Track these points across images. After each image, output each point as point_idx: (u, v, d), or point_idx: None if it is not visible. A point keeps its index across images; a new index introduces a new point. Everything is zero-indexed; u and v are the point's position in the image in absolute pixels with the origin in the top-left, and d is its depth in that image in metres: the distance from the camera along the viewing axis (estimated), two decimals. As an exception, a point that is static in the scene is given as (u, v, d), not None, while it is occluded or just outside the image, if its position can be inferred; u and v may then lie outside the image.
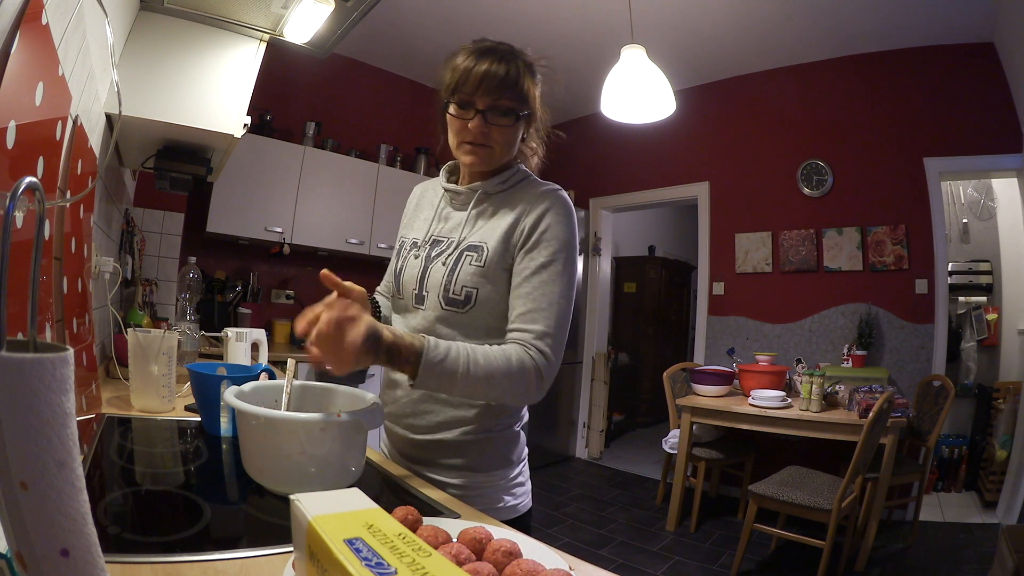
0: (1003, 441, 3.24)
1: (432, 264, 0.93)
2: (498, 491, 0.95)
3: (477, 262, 0.90)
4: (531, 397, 0.86)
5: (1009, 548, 1.65)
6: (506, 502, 0.95)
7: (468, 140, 0.90)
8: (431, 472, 0.94)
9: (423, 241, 0.98)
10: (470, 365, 0.79)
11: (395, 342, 0.75)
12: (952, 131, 3.26)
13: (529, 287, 0.87)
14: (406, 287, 0.96)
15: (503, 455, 0.96)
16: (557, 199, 0.92)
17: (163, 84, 1.52)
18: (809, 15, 3.19)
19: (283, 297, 3.63)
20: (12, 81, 0.61)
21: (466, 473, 0.93)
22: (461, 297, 0.89)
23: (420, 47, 3.80)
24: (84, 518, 0.34)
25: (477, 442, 0.93)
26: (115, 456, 0.88)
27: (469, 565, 0.45)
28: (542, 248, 0.89)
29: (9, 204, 0.34)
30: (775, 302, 3.80)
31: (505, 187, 0.96)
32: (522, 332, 0.85)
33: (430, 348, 0.77)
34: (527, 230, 0.89)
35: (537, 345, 0.84)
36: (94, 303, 1.42)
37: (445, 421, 0.93)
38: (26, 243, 0.63)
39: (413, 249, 0.99)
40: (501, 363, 0.82)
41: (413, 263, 0.96)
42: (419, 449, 0.96)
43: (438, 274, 0.91)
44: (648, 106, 2.25)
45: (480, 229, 0.93)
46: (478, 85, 0.87)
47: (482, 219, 0.94)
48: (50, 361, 0.33)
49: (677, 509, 3.02)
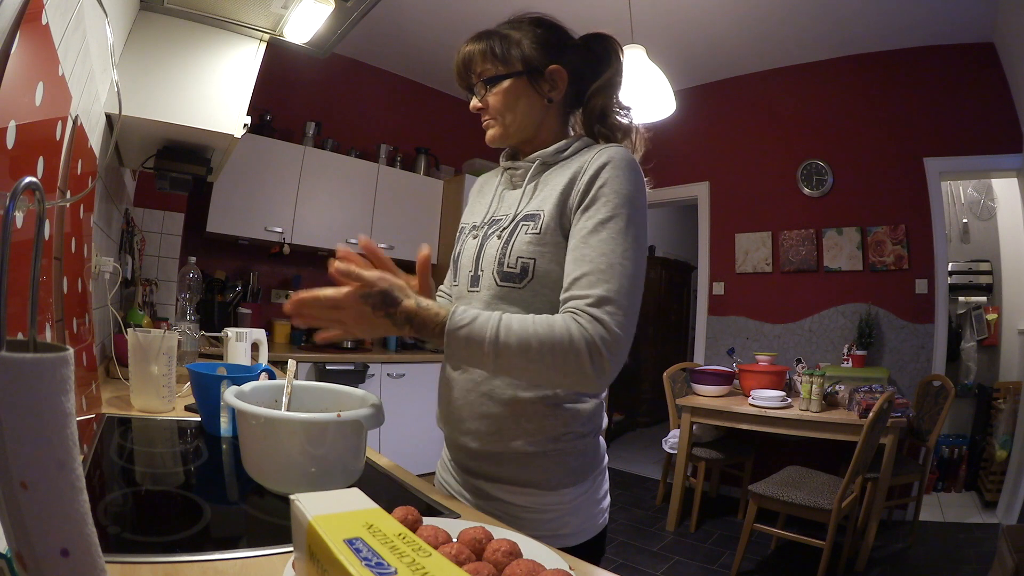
0: (1003, 441, 3.24)
1: (488, 240, 0.86)
2: (565, 514, 0.83)
3: (533, 230, 0.81)
4: (586, 377, 0.70)
5: (1009, 548, 1.65)
6: (575, 526, 0.83)
7: (482, 120, 0.89)
8: (493, 489, 0.84)
9: (482, 222, 0.91)
10: (500, 331, 0.69)
11: (416, 309, 0.70)
12: (952, 131, 3.26)
13: (586, 248, 0.75)
14: (462, 271, 0.90)
15: (575, 469, 0.84)
16: (617, 152, 0.80)
17: (163, 84, 1.52)
18: (809, 15, 3.18)
19: (283, 297, 3.63)
20: (12, 81, 0.61)
21: (531, 491, 0.81)
22: (516, 270, 0.80)
23: (420, 47, 3.80)
24: (84, 518, 0.34)
25: (544, 454, 0.81)
26: (115, 456, 0.88)
27: (469, 565, 0.45)
28: (600, 204, 0.77)
29: (9, 204, 0.34)
30: (775, 302, 3.80)
31: (565, 155, 0.87)
32: (576, 299, 0.72)
33: (455, 313, 0.70)
34: (583, 186, 0.79)
35: (592, 312, 0.70)
36: (94, 303, 1.42)
37: (505, 427, 0.82)
38: (26, 243, 0.63)
39: (472, 231, 0.92)
40: (542, 331, 0.70)
41: (470, 244, 0.90)
42: (478, 461, 0.86)
43: (493, 249, 0.84)
44: (648, 106, 2.25)
45: (537, 198, 0.85)
46: (460, 68, 0.89)
47: (540, 189, 0.86)
48: (50, 361, 0.33)
49: (677, 509, 3.02)
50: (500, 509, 0.83)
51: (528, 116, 0.88)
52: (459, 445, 0.88)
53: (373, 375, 3.29)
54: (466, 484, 0.89)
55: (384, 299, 0.69)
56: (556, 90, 0.88)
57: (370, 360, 3.28)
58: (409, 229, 3.84)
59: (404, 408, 3.43)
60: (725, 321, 4.01)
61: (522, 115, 0.87)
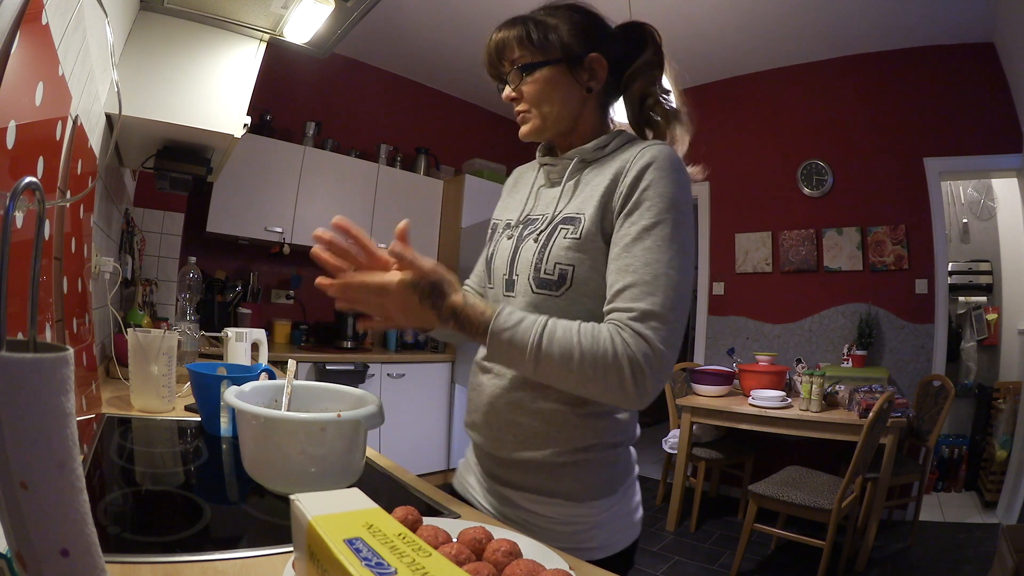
0: (1003, 441, 3.24)
1: (523, 243, 0.82)
2: (593, 527, 0.78)
3: (572, 235, 0.76)
4: (627, 394, 0.66)
5: (1009, 548, 1.65)
6: (602, 539, 0.79)
7: (516, 111, 0.84)
8: (519, 497, 0.81)
9: (517, 221, 0.87)
10: (543, 338, 0.67)
11: (462, 305, 0.69)
12: (952, 131, 3.26)
13: (630, 257, 0.71)
14: (496, 272, 0.85)
15: (605, 480, 0.80)
16: (661, 151, 0.75)
17: (163, 84, 1.52)
18: (809, 15, 3.18)
19: (283, 297, 3.63)
20: (12, 81, 0.61)
21: (558, 502, 0.78)
22: (554, 277, 0.76)
23: (420, 47, 3.80)
24: (84, 518, 0.34)
25: (574, 464, 0.77)
26: (115, 456, 0.88)
27: (469, 565, 0.45)
28: (644, 209, 0.72)
29: (9, 204, 0.34)
30: (775, 302, 3.80)
31: (605, 152, 0.82)
32: (619, 312, 0.69)
33: (501, 315, 0.69)
34: (626, 190, 0.74)
35: (636, 328, 0.67)
36: (94, 303, 1.42)
37: (534, 436, 0.78)
38: (26, 243, 0.63)
39: (506, 230, 0.87)
40: (585, 342, 0.67)
41: (505, 244, 0.85)
42: (504, 468, 0.82)
43: (529, 252, 0.79)
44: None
45: (577, 199, 0.80)
46: (492, 56, 0.84)
47: (580, 189, 0.81)
48: (50, 361, 0.33)
49: (677, 509, 3.02)
50: (524, 519, 0.80)
51: (566, 107, 0.82)
52: (486, 451, 0.85)
53: (373, 375, 3.29)
54: (491, 490, 0.85)
55: (433, 290, 0.69)
56: (596, 79, 0.83)
57: (370, 360, 3.28)
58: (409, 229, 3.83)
59: (404, 408, 3.44)
60: (725, 321, 4.01)
61: (560, 105, 0.82)
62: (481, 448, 0.87)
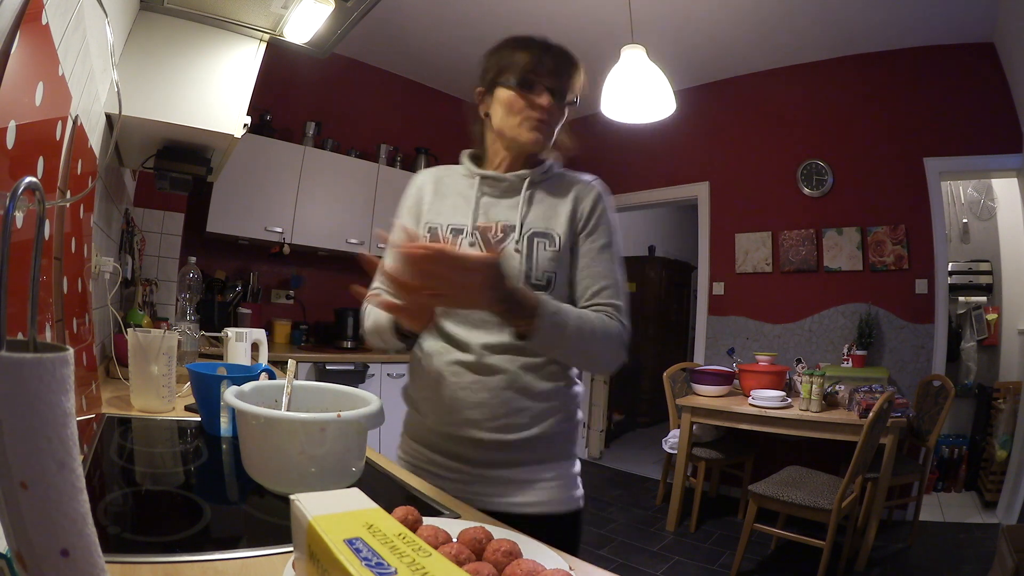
0: (1003, 441, 3.24)
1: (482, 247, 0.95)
2: (573, 480, 0.98)
3: (551, 247, 0.94)
4: (619, 360, 0.93)
5: (1009, 548, 1.65)
6: (577, 492, 0.98)
7: (536, 116, 0.93)
8: (523, 473, 0.93)
9: (471, 229, 0.96)
10: (579, 318, 0.86)
11: (516, 289, 0.79)
12: (952, 131, 3.26)
13: (600, 267, 0.95)
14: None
15: (574, 442, 1.00)
16: (604, 188, 1.01)
17: (163, 84, 1.52)
18: (809, 15, 3.19)
19: (283, 297, 3.63)
20: (12, 81, 0.61)
21: (553, 464, 0.95)
22: (543, 283, 0.93)
23: (420, 47, 3.80)
24: (84, 518, 0.34)
25: (562, 432, 0.96)
26: (115, 456, 0.88)
27: (469, 565, 0.45)
28: (600, 232, 0.96)
29: (9, 204, 0.34)
30: (775, 302, 3.80)
31: (547, 177, 1.00)
32: (604, 305, 0.92)
33: (547, 300, 0.83)
34: (585, 215, 0.97)
35: (618, 317, 0.92)
36: (94, 303, 1.42)
37: (539, 413, 0.93)
38: (26, 243, 0.63)
39: (459, 236, 0.96)
40: (599, 323, 0.89)
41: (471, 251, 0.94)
42: (511, 450, 0.92)
43: (514, 260, 0.93)
44: (648, 106, 2.25)
45: (538, 216, 0.96)
46: (554, 66, 0.94)
47: (535, 206, 0.97)
48: (50, 361, 0.33)
49: (677, 509, 3.02)
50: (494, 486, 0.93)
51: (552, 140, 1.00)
52: (490, 441, 0.92)
53: (373, 375, 3.29)
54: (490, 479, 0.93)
55: (505, 272, 0.77)
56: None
57: (370, 360, 3.28)
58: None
59: (404, 408, 3.43)
60: (725, 321, 4.01)
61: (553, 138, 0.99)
62: (484, 441, 0.92)
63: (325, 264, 3.77)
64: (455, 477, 0.95)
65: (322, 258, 3.73)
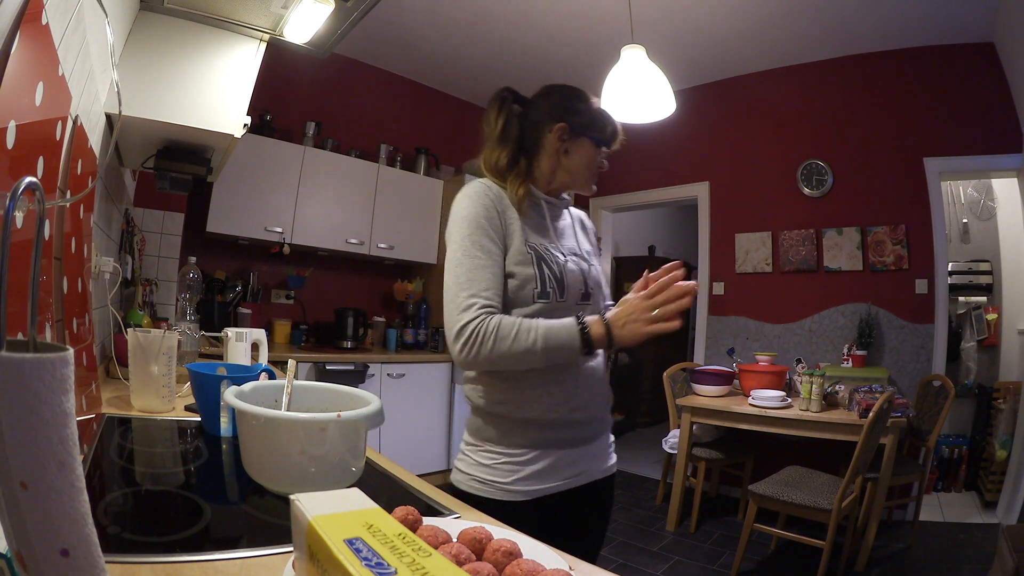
0: (1003, 441, 3.24)
1: (580, 265, 1.12)
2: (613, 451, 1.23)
3: (597, 266, 1.18)
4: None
5: (1009, 548, 1.65)
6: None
7: (597, 171, 1.17)
8: (594, 447, 1.14)
9: (566, 249, 1.14)
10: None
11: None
12: (952, 131, 3.26)
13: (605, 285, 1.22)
14: (571, 288, 1.08)
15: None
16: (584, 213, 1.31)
17: (163, 84, 1.52)
18: (809, 15, 3.19)
19: (283, 297, 3.63)
20: (12, 81, 0.61)
21: (608, 434, 1.21)
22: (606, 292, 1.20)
23: (420, 47, 3.80)
24: (84, 518, 0.34)
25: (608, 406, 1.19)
26: (115, 456, 0.88)
27: (469, 565, 0.45)
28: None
29: (9, 204, 0.34)
30: (775, 302, 3.80)
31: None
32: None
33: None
34: (593, 235, 1.27)
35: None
36: (94, 303, 1.42)
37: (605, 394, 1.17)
38: (26, 243, 0.63)
39: (563, 255, 1.11)
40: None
41: (572, 266, 1.10)
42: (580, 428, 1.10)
43: (596, 272, 1.16)
44: (648, 106, 2.25)
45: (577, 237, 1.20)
46: (620, 137, 1.19)
47: (573, 228, 1.21)
48: (50, 361, 0.33)
49: (677, 509, 3.02)
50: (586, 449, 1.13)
51: None
52: (575, 421, 1.08)
53: (373, 375, 3.29)
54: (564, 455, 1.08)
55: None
56: None
57: (370, 360, 3.28)
58: (409, 229, 3.84)
59: (404, 408, 3.44)
60: (725, 321, 4.01)
61: None
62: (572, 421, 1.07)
63: (325, 264, 3.77)
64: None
65: (322, 258, 3.73)
